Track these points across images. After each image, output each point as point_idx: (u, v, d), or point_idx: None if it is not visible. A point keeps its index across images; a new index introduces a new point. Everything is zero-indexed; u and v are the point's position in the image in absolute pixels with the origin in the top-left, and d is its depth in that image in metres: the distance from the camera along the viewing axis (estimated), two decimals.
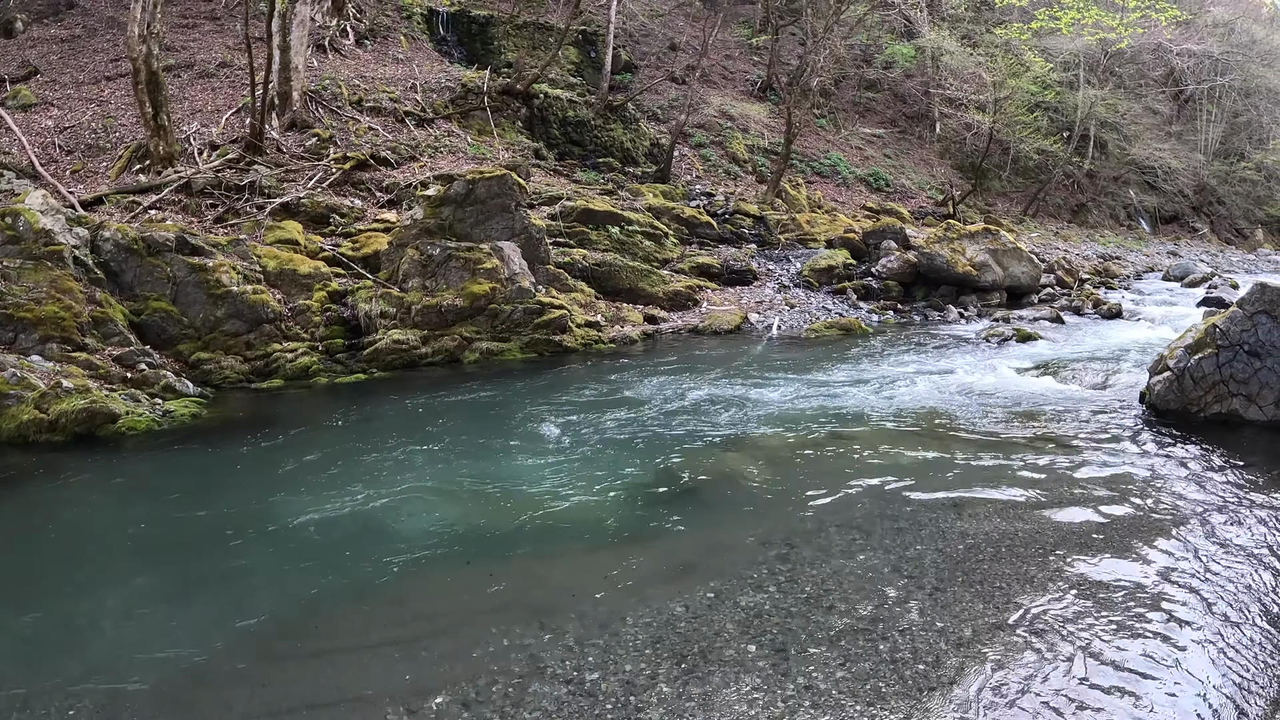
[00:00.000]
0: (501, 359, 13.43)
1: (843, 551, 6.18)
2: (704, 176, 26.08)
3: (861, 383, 11.56)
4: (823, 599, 5.47)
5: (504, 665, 4.80)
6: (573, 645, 4.98)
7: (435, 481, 8.00)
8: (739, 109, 30.27)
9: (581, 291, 16.16)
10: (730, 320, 16.64)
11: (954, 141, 37.26)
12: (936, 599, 5.44)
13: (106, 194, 15.86)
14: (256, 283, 13.05)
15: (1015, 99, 32.41)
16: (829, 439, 9.06)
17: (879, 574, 5.81)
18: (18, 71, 20.74)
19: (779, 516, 6.93)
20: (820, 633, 5.06)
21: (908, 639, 4.97)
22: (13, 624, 5.47)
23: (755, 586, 5.65)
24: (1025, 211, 35.93)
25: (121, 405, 9.99)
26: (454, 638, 5.13)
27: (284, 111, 19.34)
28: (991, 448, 8.56)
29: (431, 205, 14.78)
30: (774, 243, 22.03)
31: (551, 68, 25.10)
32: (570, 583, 5.84)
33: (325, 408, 11.12)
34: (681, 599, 5.50)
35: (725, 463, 8.33)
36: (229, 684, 4.77)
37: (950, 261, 19.30)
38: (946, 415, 9.88)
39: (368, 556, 6.35)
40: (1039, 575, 5.74)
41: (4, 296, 11.10)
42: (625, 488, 7.74)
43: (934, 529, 6.56)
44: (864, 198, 29.33)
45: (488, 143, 21.52)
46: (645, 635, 5.07)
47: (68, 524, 7.27)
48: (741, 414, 10.07)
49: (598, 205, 18.86)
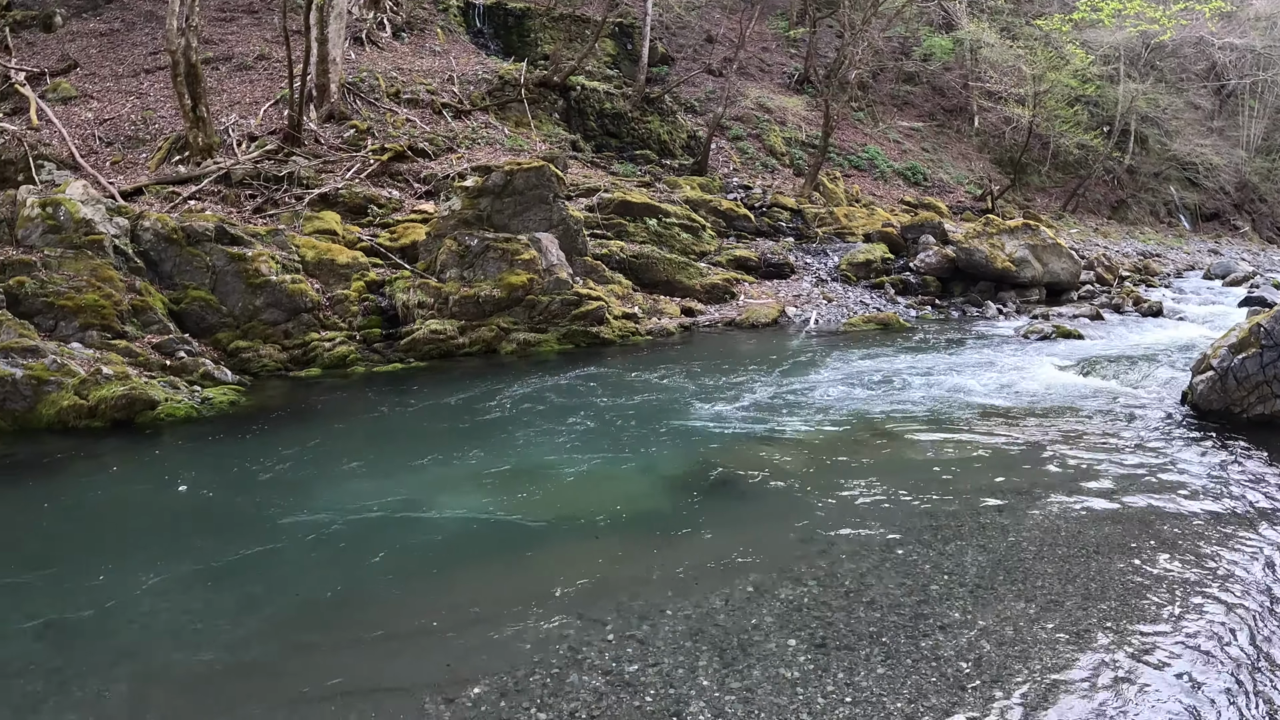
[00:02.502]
0: (538, 350, 13.41)
1: (882, 546, 6.09)
2: (741, 169, 25.94)
3: (900, 378, 11.43)
4: (862, 594, 5.38)
5: (542, 656, 4.75)
6: (611, 636, 4.93)
7: (471, 470, 7.97)
8: (776, 102, 30.07)
9: (619, 283, 16.11)
10: (768, 314, 16.53)
11: (993, 135, 36.86)
12: (978, 597, 5.34)
13: (146, 185, 15.94)
14: (295, 272, 13.10)
15: (1055, 92, 32.00)
16: (868, 434, 8.96)
17: (919, 570, 5.72)
18: (57, 65, 20.89)
19: (817, 511, 6.84)
20: (861, 628, 4.98)
21: (949, 637, 4.88)
22: (49, 607, 5.48)
23: (794, 580, 5.57)
24: (1064, 207, 35.49)
25: (160, 392, 10.03)
26: (491, 627, 5.07)
27: (322, 103, 19.38)
28: (1031, 445, 8.43)
29: (469, 196, 14.77)
30: (811, 236, 21.86)
31: (588, 60, 25.03)
32: (608, 574, 5.78)
33: (362, 396, 11.13)
34: (720, 592, 5.43)
35: (763, 456, 8.24)
36: (262, 671, 4.75)
37: (989, 257, 19.07)
38: (986, 412, 9.74)
39: (403, 545, 6.33)
40: (1082, 575, 5.62)
41: (45, 285, 11.19)
42: (662, 479, 7.68)
43: (974, 525, 6.45)
44: (901, 192, 29.07)
45: (525, 135, 21.49)
46: (684, 627, 5.00)
47: (104, 509, 7.30)
48: (779, 408, 9.98)
49: (635, 197, 18.79)
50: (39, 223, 11.94)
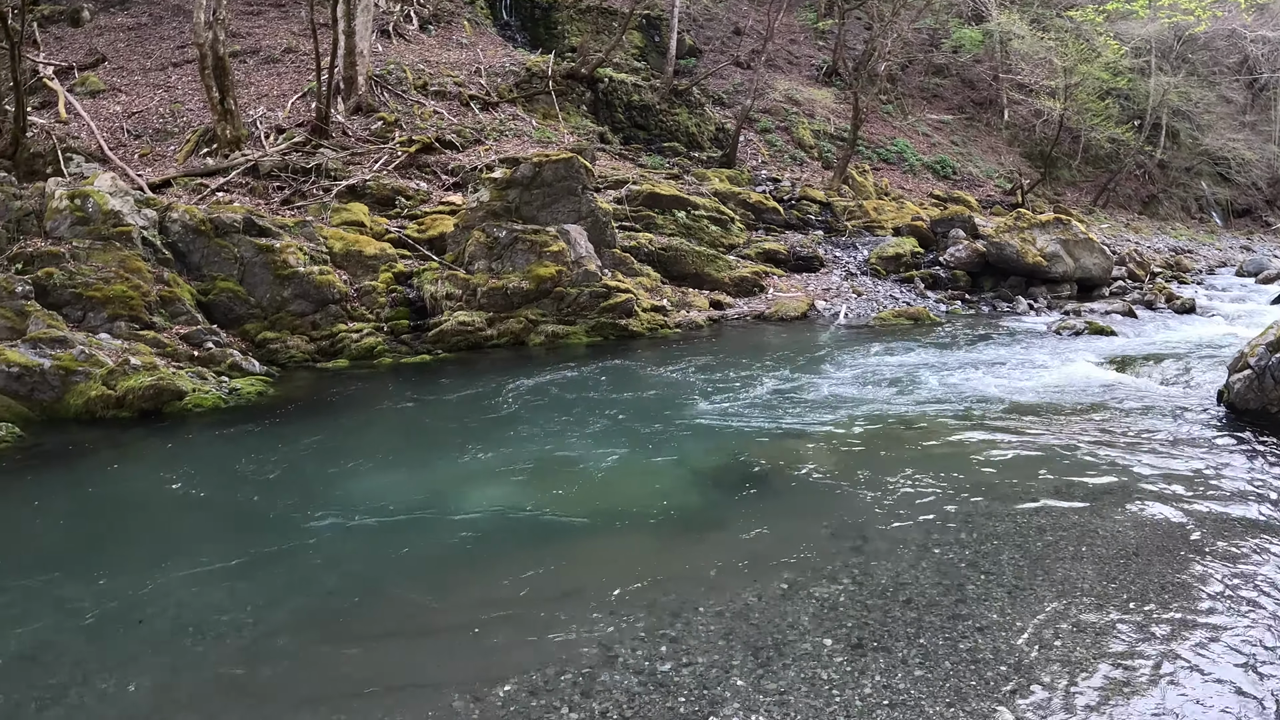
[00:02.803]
0: (567, 342, 13.33)
1: (918, 544, 5.94)
2: (769, 162, 25.78)
3: (932, 373, 11.27)
4: (899, 593, 5.24)
5: (573, 654, 4.64)
6: (644, 634, 4.81)
7: (500, 463, 7.88)
8: (804, 94, 29.87)
9: (647, 276, 16.01)
10: (797, 307, 16.39)
11: (1023, 129, 36.48)
12: (1016, 598, 5.18)
13: (174, 177, 15.98)
14: (323, 264, 13.07)
15: (1086, 85, 31.62)
16: (900, 429, 8.81)
17: (956, 569, 5.56)
18: (86, 59, 21.00)
19: (851, 507, 6.70)
20: (898, 628, 4.84)
21: (988, 639, 4.73)
22: (77, 597, 5.43)
23: (829, 578, 5.44)
24: (1095, 202, 35.08)
25: (188, 383, 10.01)
26: (521, 624, 4.97)
27: (349, 96, 19.38)
28: (1067, 443, 8.23)
29: (498, 188, 14.70)
30: (840, 230, 21.70)
31: (615, 52, 24.93)
32: (640, 570, 5.66)
33: (390, 388, 11.08)
34: (754, 589, 5.30)
35: (794, 451, 8.10)
36: (289, 665, 4.68)
37: (1020, 252, 18.83)
38: (1019, 409, 9.55)
39: (430, 539, 6.25)
40: (1122, 577, 5.44)
41: (73, 276, 11.19)
42: (693, 474, 7.57)
43: (1011, 525, 6.28)
44: (931, 185, 28.82)
45: (552, 127, 21.41)
46: (718, 626, 4.88)
47: (132, 499, 7.26)
48: (810, 402, 9.85)
49: (664, 189, 18.69)
50: (67, 214, 11.95)
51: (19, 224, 12.01)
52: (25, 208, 12.19)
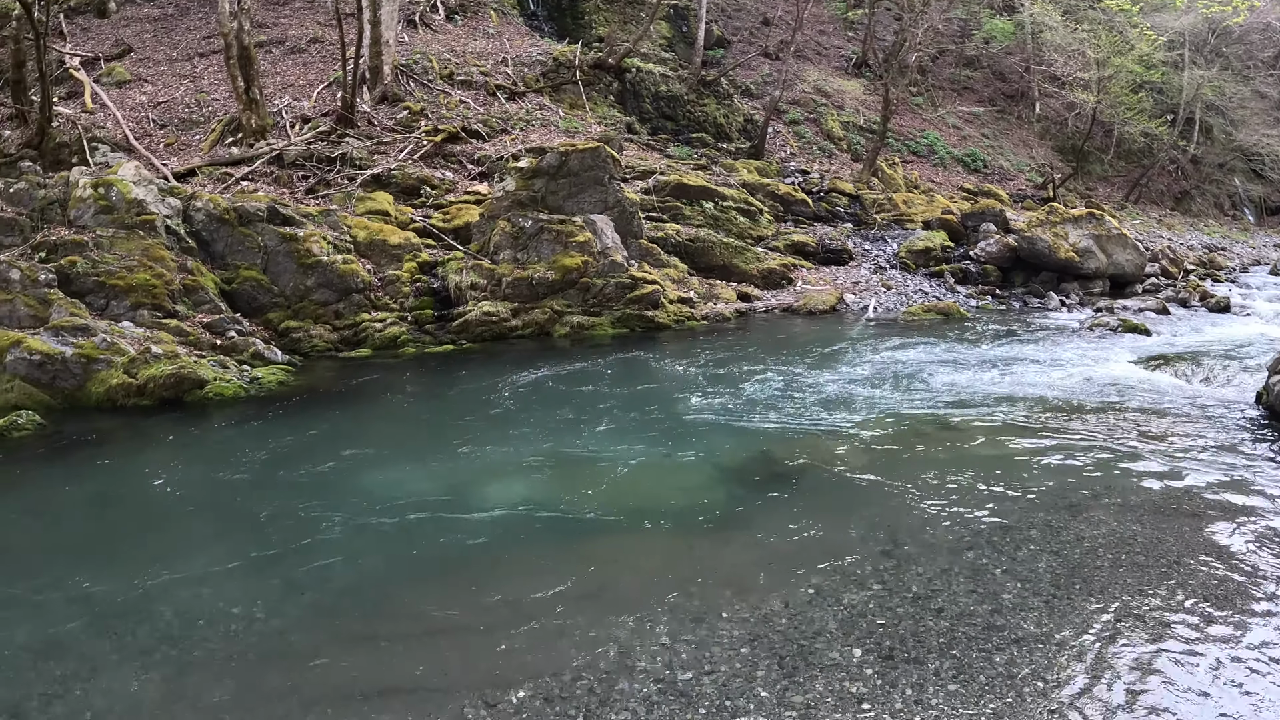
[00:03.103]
0: (592, 333, 13.19)
1: (950, 549, 5.74)
2: (798, 154, 25.52)
3: (963, 370, 11.05)
4: (931, 600, 5.06)
5: (590, 659, 4.49)
6: (664, 640, 4.66)
7: (522, 457, 7.76)
8: (834, 85, 29.55)
9: (674, 267, 15.84)
10: (825, 300, 16.17)
11: (1054, 122, 35.96)
12: (1054, 607, 4.99)
13: (199, 166, 15.93)
14: (347, 253, 12.99)
15: (1119, 78, 31.10)
16: (931, 428, 8.60)
17: (990, 576, 5.37)
18: (112, 50, 21.03)
19: (881, 509, 6.51)
20: (930, 639, 4.66)
21: (1025, 651, 4.54)
22: (90, 587, 5.36)
23: (858, 584, 5.26)
24: (1127, 197, 34.50)
25: (209, 371, 9.96)
26: (538, 625, 4.83)
27: (375, 85, 19.28)
28: (1102, 445, 8.00)
29: (523, 177, 14.56)
30: (870, 222, 21.42)
31: (643, 42, 24.71)
32: (662, 571, 5.51)
33: (412, 378, 10.98)
34: (780, 594, 5.14)
35: (823, 449, 7.92)
36: (299, 662, 4.57)
37: (1052, 246, 18.51)
38: (1054, 408, 9.31)
39: (449, 534, 6.12)
40: (1164, 587, 5.23)
41: (96, 264, 11.18)
42: (718, 471, 7.40)
43: (1047, 529, 6.07)
44: (961, 179, 28.44)
45: (579, 117, 21.24)
46: (741, 632, 4.72)
47: (149, 489, 7.18)
48: (839, 398, 9.65)
49: (691, 180, 18.48)
50: (91, 203, 11.93)
51: (43, 213, 12.03)
52: (49, 196, 12.20)
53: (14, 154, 15.30)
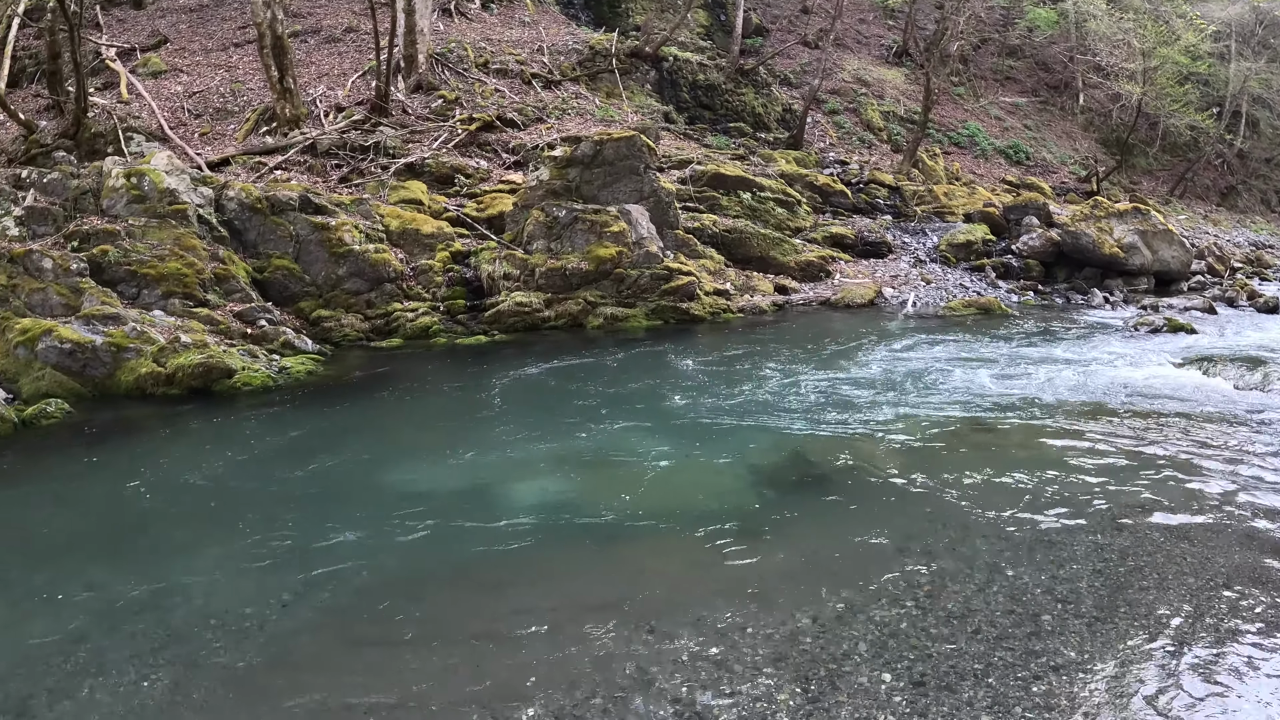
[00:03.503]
0: (625, 325, 12.95)
1: (988, 565, 5.38)
2: (837, 144, 25.16)
3: (1004, 369, 10.66)
4: (967, 620, 4.72)
5: (606, 674, 4.22)
6: (685, 657, 4.38)
7: (547, 453, 7.54)
8: (874, 75, 29.15)
9: (710, 258, 15.57)
10: (864, 294, 15.86)
11: (1098, 114, 35.30)
12: (1096, 632, 4.63)
13: (233, 155, 15.86)
14: (379, 242, 12.85)
15: (1165, 69, 30.43)
16: (971, 430, 8.23)
17: (1030, 595, 5.01)
18: (148, 40, 21.12)
19: (917, 517, 6.16)
20: (965, 664, 4.33)
21: (1064, 681, 4.18)
22: (106, 581, 5.22)
23: (891, 600, 4.94)
24: (1171, 192, 33.75)
25: (238, 361, 9.84)
26: (553, 636, 4.58)
27: (410, 74, 19.16)
28: (1148, 452, 7.57)
29: (558, 166, 14.35)
30: (909, 215, 21.04)
31: (680, 30, 24.47)
32: (685, 580, 5.25)
33: (443, 369, 10.81)
34: (808, 608, 4.83)
35: (858, 451, 7.58)
36: (307, 667, 4.37)
37: (1096, 242, 18.05)
38: (1099, 412, 8.87)
39: (469, 533, 5.89)
40: (1213, 614, 4.82)
41: (128, 254, 11.13)
42: (750, 472, 7.11)
43: (1090, 545, 5.68)
44: (1003, 171, 27.95)
45: (616, 105, 21.01)
46: (767, 650, 4.42)
47: (173, 480, 7.03)
48: (876, 397, 9.32)
49: (729, 170, 18.21)
50: (123, 193, 11.88)
51: (76, 202, 12.01)
52: (82, 186, 12.18)
53: (50, 144, 15.33)
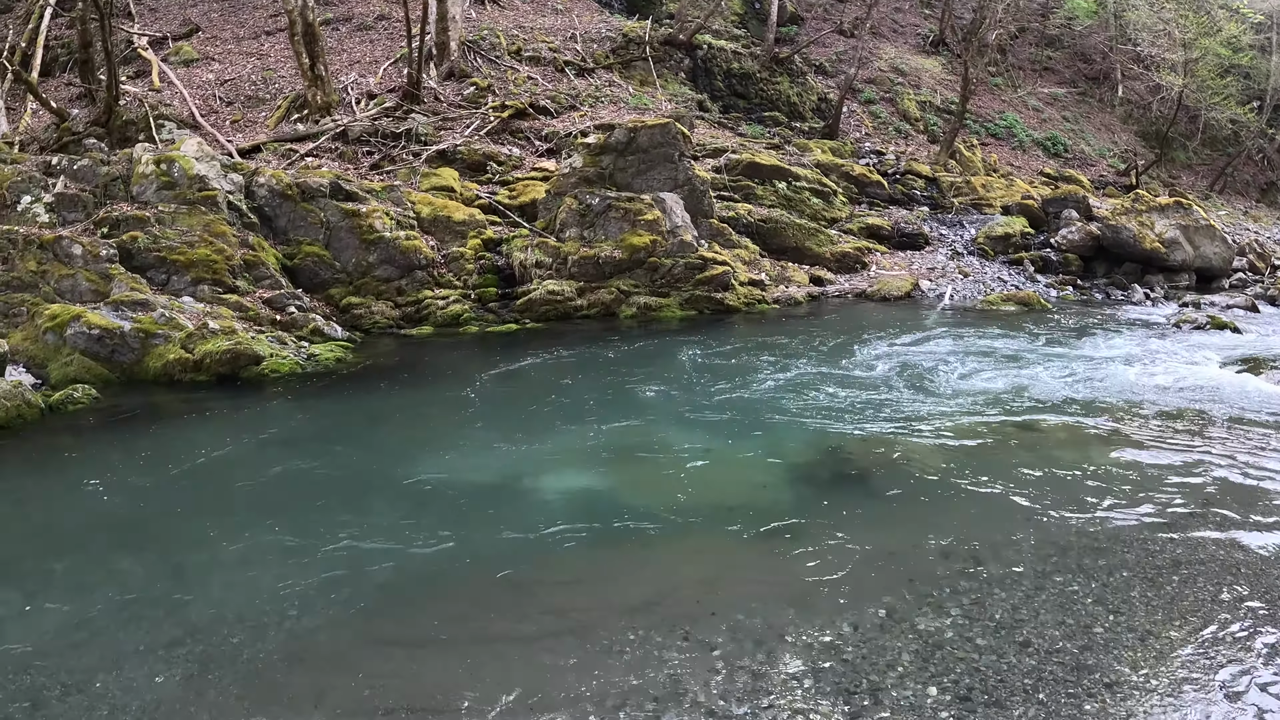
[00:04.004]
0: (659, 315, 12.74)
1: (1036, 571, 5.13)
2: (873, 134, 24.81)
3: (1046, 365, 10.33)
4: (1015, 631, 4.48)
5: (637, 683, 4.01)
6: (719, 665, 4.16)
7: (580, 446, 7.36)
8: (910, 64, 28.73)
9: (745, 248, 15.32)
10: (900, 286, 15.56)
11: (1138, 106, 34.67)
12: (1150, 647, 4.37)
13: (264, 142, 15.77)
14: (410, 229, 12.70)
15: (1206, 61, 29.79)
16: (1013, 429, 7.93)
17: (1080, 605, 4.76)
18: (180, 29, 21.13)
19: (961, 519, 5.90)
20: (1014, 678, 4.09)
21: (1118, 700, 3.93)
22: (125, 570, 5.11)
23: (936, 608, 4.70)
24: (1211, 187, 33.02)
25: (266, 348, 9.72)
26: (582, 640, 4.38)
27: (442, 61, 19.01)
28: (1197, 456, 7.26)
29: (591, 154, 14.14)
30: (947, 206, 20.68)
31: (714, 18, 24.19)
32: (721, 581, 5.03)
33: (473, 358, 10.64)
34: (849, 615, 4.60)
35: (897, 448, 7.32)
36: (326, 667, 4.20)
37: (1137, 236, 17.62)
38: (1143, 413, 8.55)
39: (498, 530, 5.70)
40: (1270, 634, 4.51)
41: (157, 240, 11.07)
42: (786, 470, 6.88)
43: (1140, 553, 5.41)
44: (1040, 163, 27.48)
45: (649, 93, 20.78)
46: (805, 661, 4.20)
47: (197, 468, 6.90)
48: (913, 392, 9.06)
49: (764, 159, 17.94)
50: (153, 179, 11.81)
51: (106, 189, 11.95)
52: (112, 173, 12.11)
53: (82, 132, 15.33)
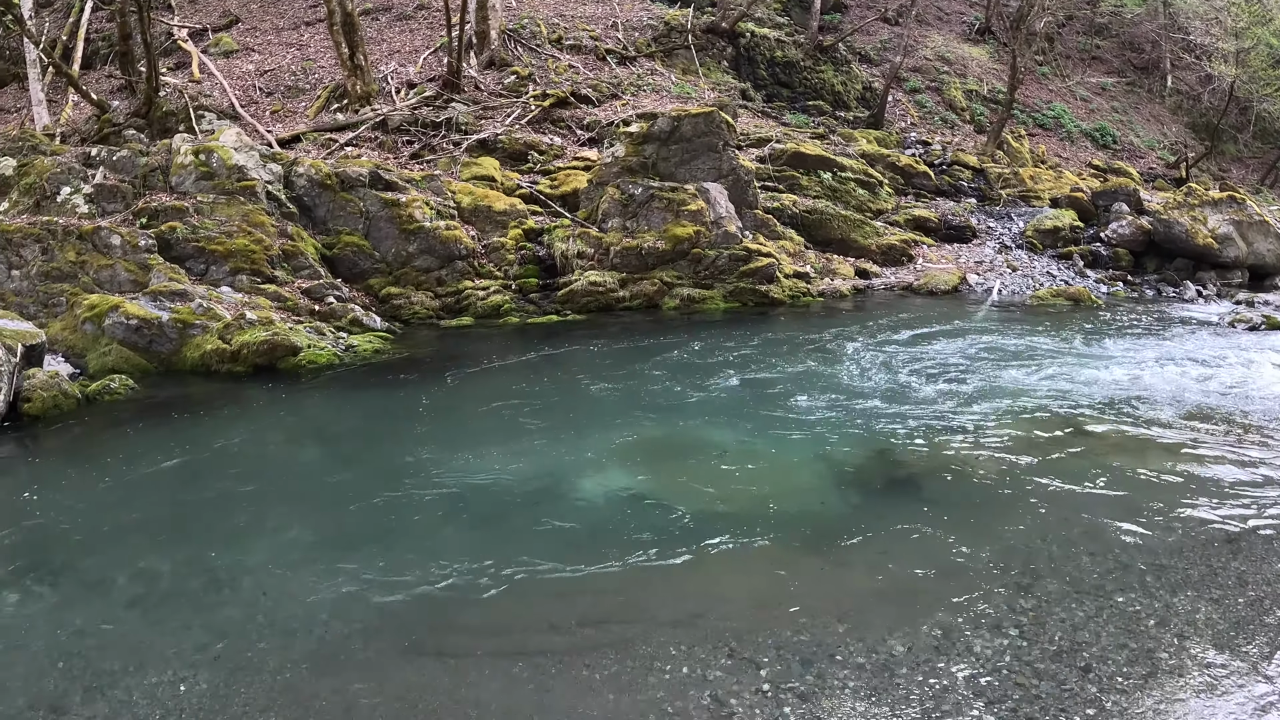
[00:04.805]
0: (702, 307, 12.47)
1: (1096, 588, 4.85)
2: (919, 124, 24.39)
3: (1100, 366, 9.93)
4: (1076, 655, 4.20)
5: (679, 705, 3.79)
6: (766, 687, 3.92)
7: (619, 443, 7.14)
8: (956, 52, 28.23)
9: (790, 239, 15.02)
10: (947, 280, 15.21)
11: (1188, 97, 33.92)
12: (1216, 677, 4.08)
13: (303, 132, 15.67)
14: (450, 219, 12.54)
15: (1259, 52, 29.02)
16: (1068, 434, 7.58)
17: (1143, 626, 4.48)
18: (219, 21, 21.16)
19: (1016, 530, 5.61)
20: (1075, 708, 3.81)
21: None
22: (154, 569, 4.96)
23: (992, 627, 4.44)
24: (1262, 181, 32.15)
25: (304, 338, 9.58)
26: (622, 655, 4.16)
27: (482, 50, 18.85)
28: (1261, 465, 6.87)
29: (634, 143, 13.90)
30: (994, 198, 20.22)
31: (757, 6, 23.84)
32: (767, 594, 4.78)
33: (513, 349, 10.44)
34: (901, 634, 4.35)
35: (949, 452, 7.02)
36: (354, 677, 4.01)
37: (1190, 231, 17.12)
38: (1199, 416, 8.15)
39: (537, 533, 5.48)
40: None
41: (196, 230, 10.99)
42: (831, 472, 6.60)
43: (1205, 569, 5.10)
44: (1089, 155, 26.91)
45: (692, 82, 20.50)
46: (857, 682, 3.96)
47: (232, 462, 6.76)
48: (965, 392, 8.73)
49: (809, 149, 17.60)
50: (192, 169, 11.73)
51: (145, 179, 11.92)
52: (151, 163, 12.07)
53: (122, 123, 15.32)
